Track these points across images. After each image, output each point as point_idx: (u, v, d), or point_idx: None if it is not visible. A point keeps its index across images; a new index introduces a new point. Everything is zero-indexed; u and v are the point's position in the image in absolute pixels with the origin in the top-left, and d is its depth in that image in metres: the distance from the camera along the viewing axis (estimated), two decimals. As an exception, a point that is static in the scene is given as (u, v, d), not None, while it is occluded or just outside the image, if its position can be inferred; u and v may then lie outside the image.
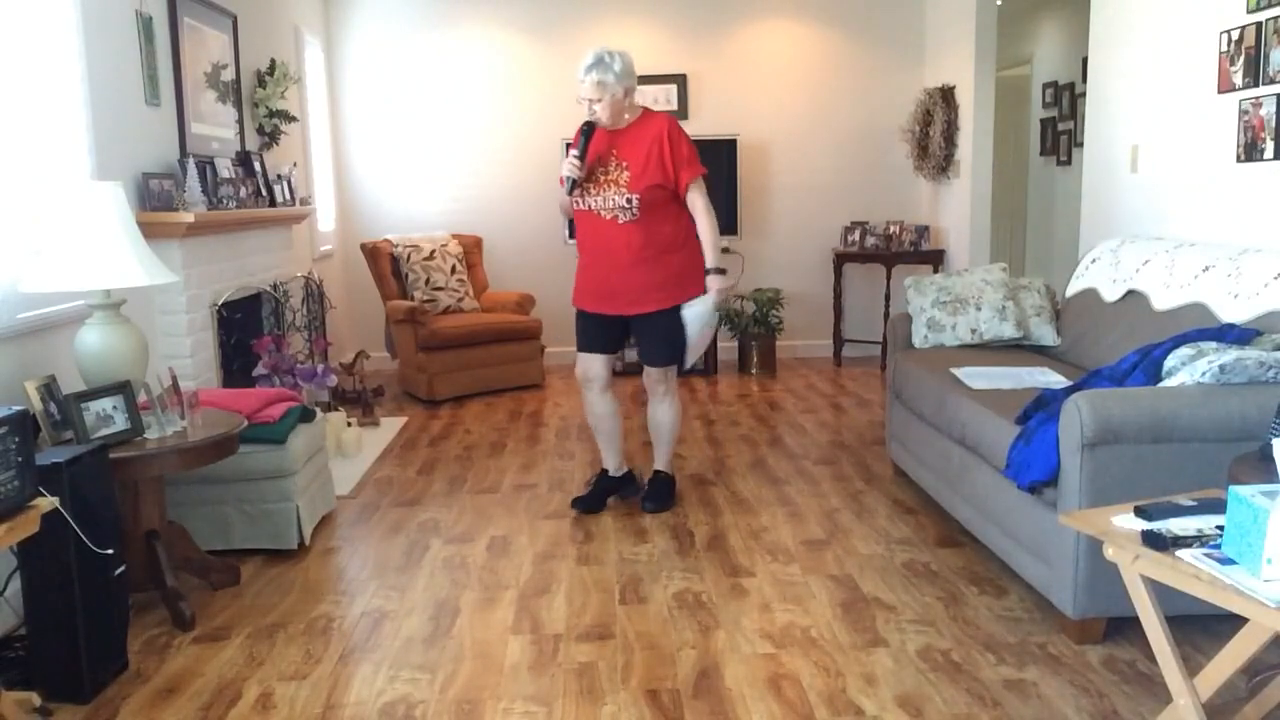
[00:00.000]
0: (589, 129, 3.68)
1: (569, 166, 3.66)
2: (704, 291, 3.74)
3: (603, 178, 3.70)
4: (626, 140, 3.70)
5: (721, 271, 3.74)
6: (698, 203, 3.71)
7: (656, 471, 4.08)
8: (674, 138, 3.67)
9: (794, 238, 7.34)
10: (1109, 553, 2.03)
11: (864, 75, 7.19)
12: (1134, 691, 2.50)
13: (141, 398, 3.10)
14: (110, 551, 2.62)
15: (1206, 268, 3.37)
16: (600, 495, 4.00)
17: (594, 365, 3.91)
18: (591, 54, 3.63)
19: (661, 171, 3.65)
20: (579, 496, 4.02)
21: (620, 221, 3.70)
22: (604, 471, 4.07)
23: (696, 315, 3.74)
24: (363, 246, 6.53)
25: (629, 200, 3.66)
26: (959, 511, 3.47)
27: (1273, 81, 3.38)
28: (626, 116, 3.72)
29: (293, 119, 5.80)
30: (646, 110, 3.79)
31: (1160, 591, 1.99)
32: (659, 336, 3.80)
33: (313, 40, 6.69)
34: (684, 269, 3.76)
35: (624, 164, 3.68)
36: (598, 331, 3.89)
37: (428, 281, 6.40)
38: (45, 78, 3.45)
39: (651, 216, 3.69)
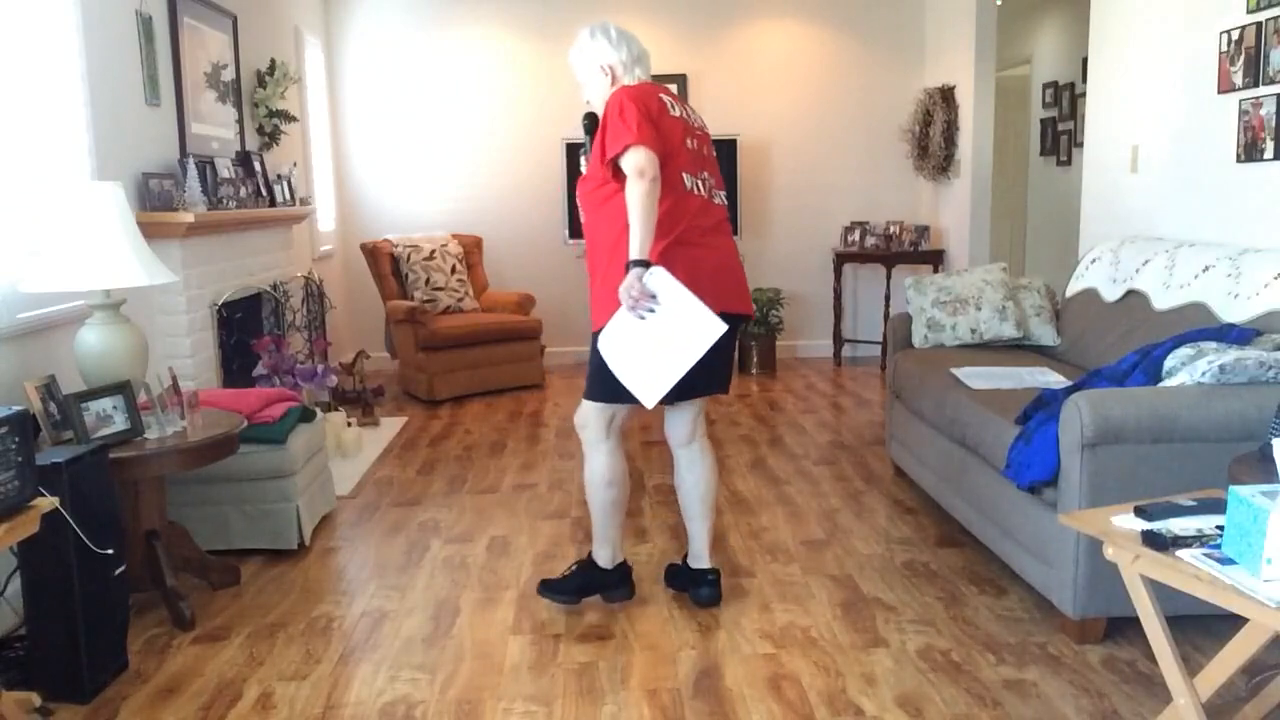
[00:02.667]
0: (587, 123, 3.11)
1: (584, 164, 3.08)
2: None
3: None
4: None
5: (642, 265, 2.69)
6: (627, 179, 2.74)
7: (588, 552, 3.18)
8: (607, 113, 2.83)
9: (794, 238, 7.34)
10: (1109, 553, 2.03)
11: (864, 75, 7.19)
12: (1134, 691, 2.50)
13: (141, 398, 3.10)
14: (110, 551, 2.62)
15: (1206, 268, 3.37)
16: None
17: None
18: None
19: (594, 162, 2.89)
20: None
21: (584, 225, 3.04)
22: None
23: (605, 339, 2.83)
24: (363, 246, 6.53)
25: (579, 202, 3.01)
26: (959, 511, 3.47)
27: (1273, 81, 3.38)
28: None
29: (293, 119, 5.80)
30: None
31: (1160, 591, 1.99)
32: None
33: (313, 40, 6.69)
34: (609, 291, 2.85)
35: None
36: None
37: (428, 281, 6.40)
38: (45, 78, 3.45)
39: (596, 220, 2.94)
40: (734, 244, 3.02)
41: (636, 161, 2.72)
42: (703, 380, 2.91)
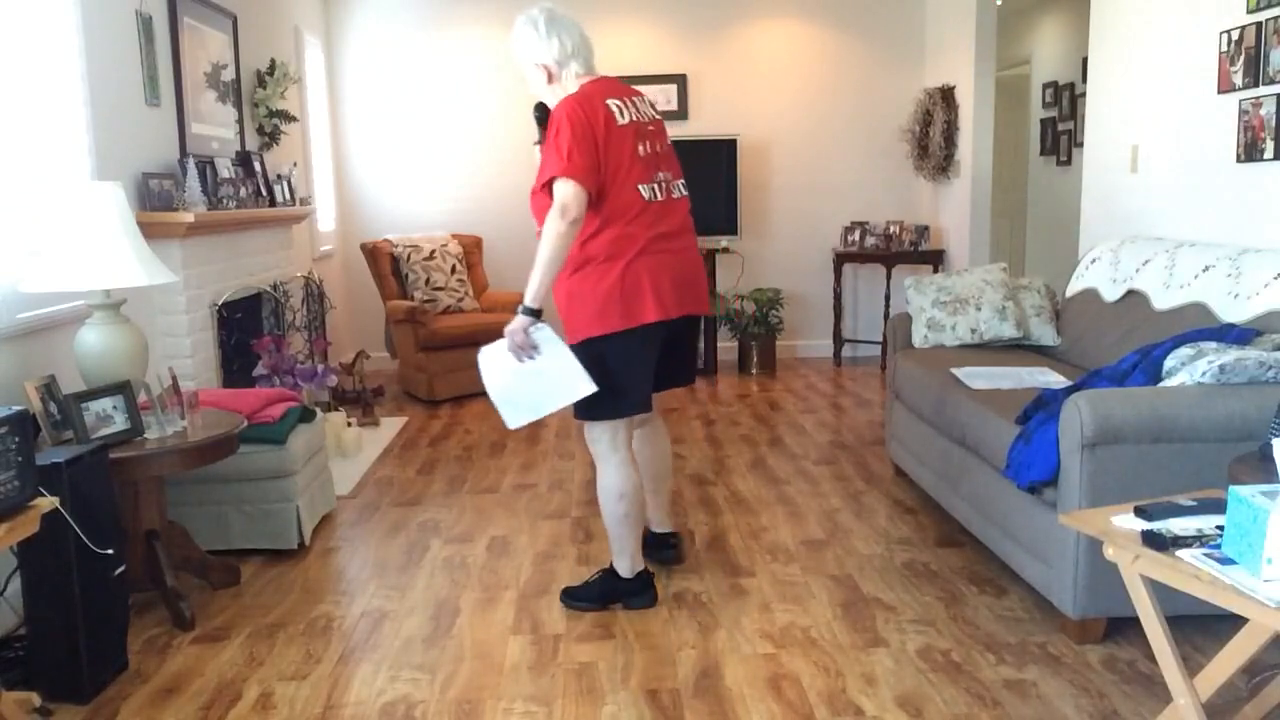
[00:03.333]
0: (538, 114, 3.01)
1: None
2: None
3: None
4: None
5: (532, 313, 2.81)
6: (549, 211, 2.74)
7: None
8: (549, 128, 2.80)
9: (794, 238, 7.34)
10: (1109, 553, 2.03)
11: (864, 75, 7.19)
12: (1134, 691, 2.50)
13: (141, 398, 3.10)
14: (110, 551, 2.62)
15: (1206, 268, 3.37)
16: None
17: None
18: None
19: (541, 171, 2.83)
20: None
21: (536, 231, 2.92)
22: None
23: (485, 355, 2.94)
24: (363, 246, 6.53)
25: (532, 213, 2.95)
26: (959, 511, 3.47)
27: (1273, 81, 3.38)
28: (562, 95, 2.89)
29: (293, 119, 5.80)
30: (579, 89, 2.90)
31: (1160, 591, 1.99)
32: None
33: (313, 40, 6.69)
34: (568, 299, 2.91)
35: None
36: None
37: (428, 281, 6.40)
38: (45, 78, 3.45)
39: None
40: (694, 240, 3.06)
41: (562, 197, 2.72)
42: (667, 375, 3.11)
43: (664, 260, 2.88)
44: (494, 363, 2.90)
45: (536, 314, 2.82)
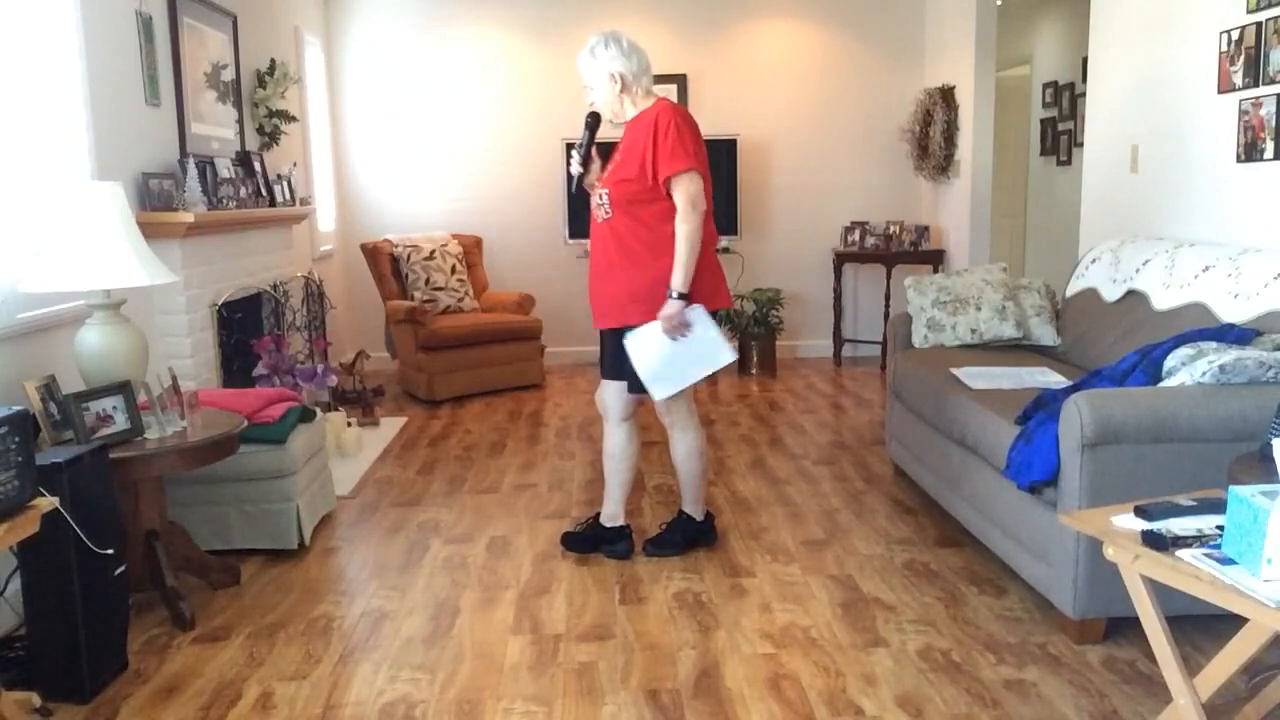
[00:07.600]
0: (590, 121, 3.34)
1: (572, 162, 3.36)
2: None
3: (604, 173, 3.33)
4: (627, 131, 3.28)
5: (683, 298, 3.16)
6: (679, 206, 3.14)
7: (679, 511, 3.60)
8: (660, 126, 3.13)
9: (794, 238, 7.34)
10: (1109, 553, 2.03)
11: (864, 75, 7.19)
12: (1134, 691, 2.50)
13: (141, 398, 3.10)
14: (110, 551, 2.62)
15: (1206, 268, 3.37)
16: (591, 541, 3.54)
17: (603, 393, 3.48)
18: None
19: (638, 164, 3.16)
20: (570, 532, 3.61)
21: (599, 220, 3.31)
22: (597, 515, 3.60)
23: (633, 339, 3.25)
24: (363, 246, 6.53)
25: (601, 196, 3.26)
26: (959, 511, 3.47)
27: (1273, 81, 3.38)
28: (634, 107, 3.29)
29: (293, 119, 5.80)
30: (659, 100, 3.27)
31: (1160, 591, 1.99)
32: (621, 360, 3.31)
33: (313, 40, 6.69)
34: (638, 288, 3.24)
35: (617, 157, 3.29)
36: (603, 350, 3.44)
37: (428, 281, 6.40)
38: (45, 78, 3.45)
39: (626, 218, 3.23)
40: None
41: (692, 191, 3.15)
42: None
43: (716, 260, 3.35)
44: (643, 346, 3.24)
45: (686, 298, 3.17)
